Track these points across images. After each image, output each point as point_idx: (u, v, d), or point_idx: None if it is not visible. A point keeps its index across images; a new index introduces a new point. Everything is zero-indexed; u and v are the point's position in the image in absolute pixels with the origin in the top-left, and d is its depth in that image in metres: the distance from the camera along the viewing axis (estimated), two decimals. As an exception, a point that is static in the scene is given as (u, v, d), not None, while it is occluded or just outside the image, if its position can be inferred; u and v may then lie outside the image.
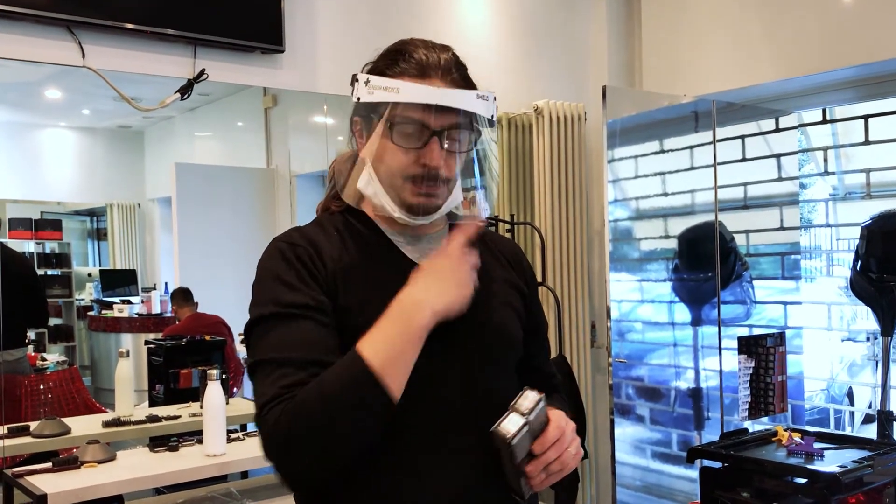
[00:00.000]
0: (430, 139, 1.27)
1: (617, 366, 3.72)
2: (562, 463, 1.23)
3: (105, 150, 3.71)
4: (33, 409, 3.15)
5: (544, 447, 1.21)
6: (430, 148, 1.27)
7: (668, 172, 4.01)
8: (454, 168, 1.31)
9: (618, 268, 4.03)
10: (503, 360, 1.37)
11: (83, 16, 2.52)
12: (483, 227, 1.43)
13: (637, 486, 4.09)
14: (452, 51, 1.36)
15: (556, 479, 1.26)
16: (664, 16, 3.91)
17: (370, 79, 1.30)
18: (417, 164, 1.28)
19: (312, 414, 1.13)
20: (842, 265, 4.35)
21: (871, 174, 3.59)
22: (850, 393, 5.10)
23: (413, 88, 1.27)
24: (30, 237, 3.54)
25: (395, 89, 1.27)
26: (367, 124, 1.34)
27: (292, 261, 1.27)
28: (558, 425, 1.23)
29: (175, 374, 3.26)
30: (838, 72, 3.32)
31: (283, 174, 3.69)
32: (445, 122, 1.28)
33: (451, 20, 3.48)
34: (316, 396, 1.14)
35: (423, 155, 1.28)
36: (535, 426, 1.21)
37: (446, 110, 1.27)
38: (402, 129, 1.28)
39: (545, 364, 1.51)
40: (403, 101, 1.26)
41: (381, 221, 1.36)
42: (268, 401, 1.16)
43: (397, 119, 1.28)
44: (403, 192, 1.30)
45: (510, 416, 1.19)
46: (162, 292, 3.76)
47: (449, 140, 1.29)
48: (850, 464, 2.45)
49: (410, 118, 1.27)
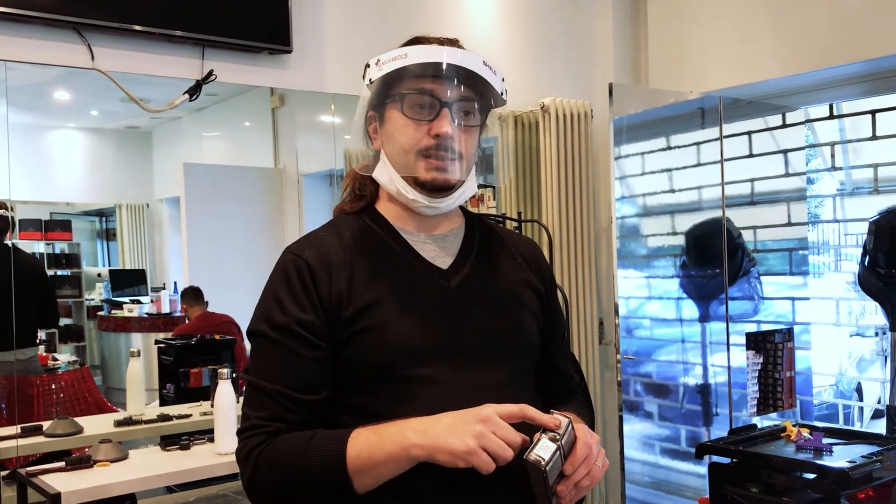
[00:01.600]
0: (440, 110, 1.28)
1: (625, 362, 3.73)
2: (591, 478, 1.20)
3: (114, 151, 3.74)
4: (45, 409, 3.17)
5: (575, 466, 1.17)
6: (440, 118, 1.28)
7: (675, 169, 4.01)
8: (467, 143, 1.31)
9: (625, 264, 4.04)
10: (521, 364, 1.36)
11: (92, 18, 2.53)
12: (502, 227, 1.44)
13: (646, 482, 4.10)
14: (458, 41, 1.38)
15: (585, 493, 1.23)
16: (670, 12, 3.91)
17: (380, 57, 1.32)
18: (429, 136, 1.28)
19: (282, 479, 1.21)
20: (850, 260, 4.34)
21: (879, 169, 3.59)
22: (860, 388, 5.09)
23: (420, 50, 1.29)
24: (40, 238, 3.56)
25: (403, 55, 1.29)
26: (379, 114, 1.34)
27: (292, 278, 1.28)
28: (586, 442, 1.20)
29: (185, 373, 3.28)
30: (845, 67, 3.31)
31: (291, 174, 3.70)
32: (456, 94, 1.29)
33: (458, 18, 3.49)
34: (289, 465, 1.20)
35: (434, 126, 1.28)
36: (566, 448, 1.18)
37: (456, 83, 1.28)
38: (413, 100, 1.29)
39: (564, 365, 1.49)
40: (412, 62, 1.27)
41: (397, 221, 1.36)
42: (247, 428, 1.25)
43: (407, 89, 1.29)
44: (417, 170, 1.29)
45: (542, 442, 1.15)
46: (171, 292, 3.78)
47: (460, 114, 1.30)
48: (859, 459, 2.44)
49: (420, 87, 1.28)
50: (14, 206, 3.35)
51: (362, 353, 1.24)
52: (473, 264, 1.35)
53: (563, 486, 1.17)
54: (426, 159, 1.28)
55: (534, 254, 1.47)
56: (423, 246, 1.34)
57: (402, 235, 1.34)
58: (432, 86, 1.28)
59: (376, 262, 1.31)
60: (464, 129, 1.30)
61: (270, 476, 1.21)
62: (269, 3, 2.89)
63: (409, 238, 1.34)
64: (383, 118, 1.33)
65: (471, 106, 1.31)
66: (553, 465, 1.15)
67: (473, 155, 1.34)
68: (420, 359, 1.25)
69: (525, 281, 1.41)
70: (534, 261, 1.45)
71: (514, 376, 1.32)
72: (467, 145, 1.31)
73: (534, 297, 1.40)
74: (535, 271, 1.44)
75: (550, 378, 1.42)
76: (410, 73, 1.28)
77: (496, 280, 1.36)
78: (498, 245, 1.43)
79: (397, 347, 1.24)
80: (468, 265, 1.35)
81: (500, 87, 1.35)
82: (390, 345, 1.24)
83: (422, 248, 1.34)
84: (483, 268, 1.37)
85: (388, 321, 1.25)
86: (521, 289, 1.39)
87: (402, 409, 1.21)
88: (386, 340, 1.24)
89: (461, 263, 1.35)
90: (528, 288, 1.40)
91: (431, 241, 1.35)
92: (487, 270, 1.37)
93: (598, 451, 1.22)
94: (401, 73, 1.29)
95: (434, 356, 1.25)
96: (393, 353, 1.24)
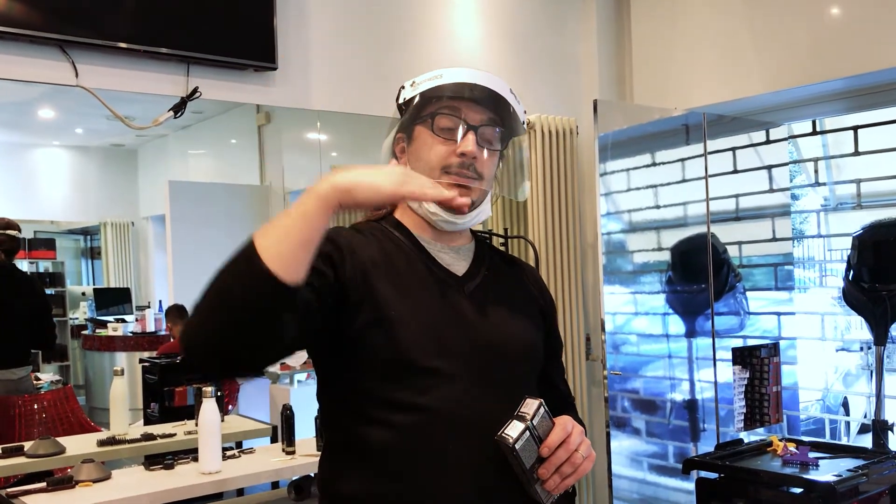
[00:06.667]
0: (466, 132, 1.36)
1: (612, 378, 3.73)
2: (573, 464, 1.27)
3: (98, 169, 3.72)
4: (27, 429, 3.14)
5: (551, 449, 1.25)
6: (466, 138, 1.36)
7: (660, 185, 4.03)
8: (487, 166, 1.39)
9: (611, 280, 4.05)
10: (528, 368, 1.43)
11: (76, 35, 2.53)
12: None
13: (634, 498, 4.09)
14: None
15: (572, 482, 1.29)
16: (654, 30, 3.94)
17: (415, 79, 1.42)
18: (454, 154, 1.36)
19: (206, 294, 1.11)
20: (835, 275, 4.36)
21: (862, 184, 3.61)
22: (846, 403, 5.10)
23: (455, 71, 1.40)
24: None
25: (439, 76, 1.40)
26: (408, 135, 1.42)
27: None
28: (563, 427, 1.27)
29: (170, 392, 3.25)
30: (827, 83, 3.35)
31: (277, 190, 3.70)
32: (483, 117, 1.38)
33: (443, 37, 3.50)
34: (210, 280, 1.12)
35: (461, 145, 1.35)
36: (541, 431, 1.25)
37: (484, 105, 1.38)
38: (443, 122, 1.37)
39: (560, 383, 1.57)
40: (447, 82, 1.38)
41: (415, 229, 1.42)
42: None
43: (439, 109, 1.37)
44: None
45: (511, 423, 1.24)
46: (156, 310, 3.76)
47: (484, 138, 1.38)
48: (845, 473, 2.45)
49: (451, 107, 1.37)
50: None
51: (386, 341, 1.27)
52: (485, 275, 1.43)
53: (543, 469, 1.26)
54: (447, 174, 1.36)
55: (535, 276, 1.59)
56: (440, 254, 1.41)
57: (420, 242, 1.41)
58: (462, 106, 1.37)
59: (396, 260, 1.37)
60: (486, 151, 1.38)
61: (203, 304, 1.11)
62: (254, 20, 2.89)
63: (427, 245, 1.41)
64: (411, 138, 1.42)
65: (494, 132, 1.41)
66: (524, 445, 1.23)
67: (491, 179, 1.43)
68: (438, 352, 1.29)
69: (531, 296, 1.51)
70: (536, 282, 1.56)
71: (521, 378, 1.39)
72: (488, 168, 1.39)
73: (538, 312, 1.50)
74: (538, 290, 1.54)
75: (547, 392, 1.45)
76: (443, 92, 1.38)
77: (506, 290, 1.45)
78: (506, 263, 1.54)
79: (419, 339, 1.29)
80: (481, 274, 1.42)
81: (522, 117, 1.47)
82: (414, 334, 1.28)
83: (438, 256, 1.41)
84: (494, 279, 1.44)
85: (410, 314, 1.30)
86: (527, 302, 1.49)
87: (422, 399, 1.27)
88: (411, 331, 1.28)
89: (475, 272, 1.43)
90: (533, 303, 1.50)
91: (448, 250, 1.42)
92: (497, 282, 1.45)
93: (581, 441, 1.29)
94: (434, 93, 1.38)
95: (450, 352, 1.30)
96: (415, 344, 1.28)
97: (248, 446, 2.92)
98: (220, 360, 1.14)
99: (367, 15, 3.26)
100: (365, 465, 1.29)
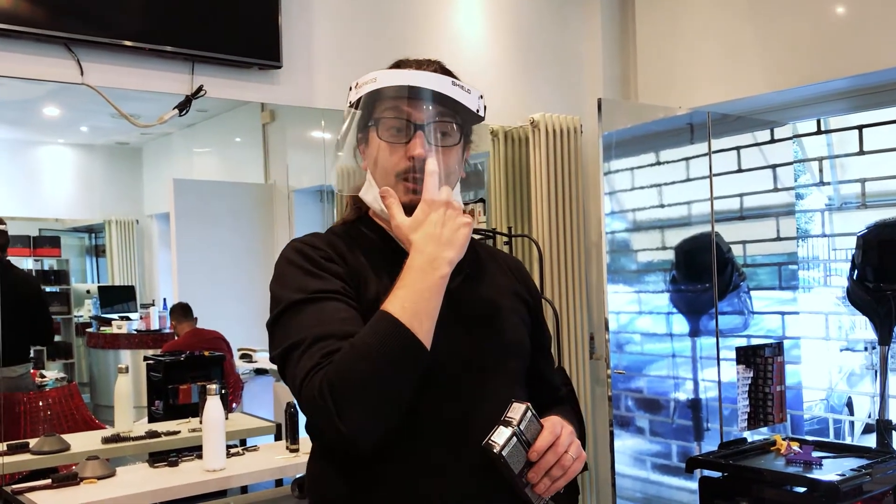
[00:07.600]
0: (414, 133, 1.31)
1: (616, 377, 3.73)
2: (562, 467, 1.24)
3: (103, 167, 3.72)
4: (32, 426, 3.15)
5: (539, 453, 1.23)
6: (414, 141, 1.31)
7: (664, 184, 4.02)
8: (446, 162, 1.33)
9: (615, 279, 4.04)
10: (514, 369, 1.40)
11: (81, 33, 2.53)
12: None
13: (637, 497, 4.09)
14: (440, 63, 1.40)
15: (562, 484, 1.27)
16: (658, 28, 3.94)
17: (357, 81, 1.36)
18: (406, 159, 1.32)
19: (354, 367, 1.14)
20: (839, 275, 4.36)
21: (867, 184, 3.61)
22: (850, 403, 5.09)
23: (389, 74, 1.34)
24: (28, 254, 3.54)
25: (373, 79, 1.33)
26: (364, 136, 1.39)
27: (313, 257, 1.30)
28: (552, 430, 1.25)
29: (174, 389, 3.26)
30: (832, 83, 3.34)
31: (281, 189, 3.70)
32: (428, 116, 1.32)
33: (447, 35, 3.50)
34: (354, 354, 1.15)
35: (409, 148, 1.31)
36: (529, 435, 1.23)
37: (428, 104, 1.31)
38: (388, 124, 1.33)
39: (551, 376, 1.54)
40: (380, 86, 1.32)
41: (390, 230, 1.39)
42: (308, 370, 1.17)
43: (381, 113, 1.33)
44: (397, 191, 1.32)
45: (498, 429, 1.22)
46: (160, 308, 3.76)
47: (436, 134, 1.33)
48: (848, 472, 2.45)
49: (393, 111, 1.32)
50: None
51: None
52: (466, 273, 1.38)
53: (533, 473, 1.23)
54: (404, 182, 1.32)
55: (519, 269, 1.55)
56: None
57: (396, 243, 1.36)
58: (405, 108, 1.32)
59: (376, 261, 1.35)
60: (441, 149, 1.33)
61: (345, 381, 1.14)
62: (259, 18, 2.90)
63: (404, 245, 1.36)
64: (367, 140, 1.38)
65: (447, 126, 1.35)
66: (512, 451, 1.21)
67: (455, 173, 1.38)
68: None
69: (514, 291, 1.47)
70: (520, 276, 1.53)
71: (508, 377, 1.37)
72: (446, 164, 1.33)
73: (522, 306, 1.46)
74: (522, 283, 1.50)
75: (537, 387, 1.44)
76: (383, 96, 1.33)
77: (487, 288, 1.41)
78: (487, 258, 1.49)
79: None
80: (462, 274, 1.36)
81: (476, 104, 1.37)
82: None
83: None
84: (474, 277, 1.41)
85: None
86: (510, 297, 1.45)
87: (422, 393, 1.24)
88: None
89: (454, 273, 1.36)
90: (516, 297, 1.46)
91: None
92: (478, 280, 1.41)
93: (571, 442, 1.27)
94: (374, 97, 1.33)
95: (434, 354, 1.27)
96: None
97: (252, 444, 2.92)
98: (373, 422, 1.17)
99: (372, 13, 3.27)
100: (349, 469, 1.28)
